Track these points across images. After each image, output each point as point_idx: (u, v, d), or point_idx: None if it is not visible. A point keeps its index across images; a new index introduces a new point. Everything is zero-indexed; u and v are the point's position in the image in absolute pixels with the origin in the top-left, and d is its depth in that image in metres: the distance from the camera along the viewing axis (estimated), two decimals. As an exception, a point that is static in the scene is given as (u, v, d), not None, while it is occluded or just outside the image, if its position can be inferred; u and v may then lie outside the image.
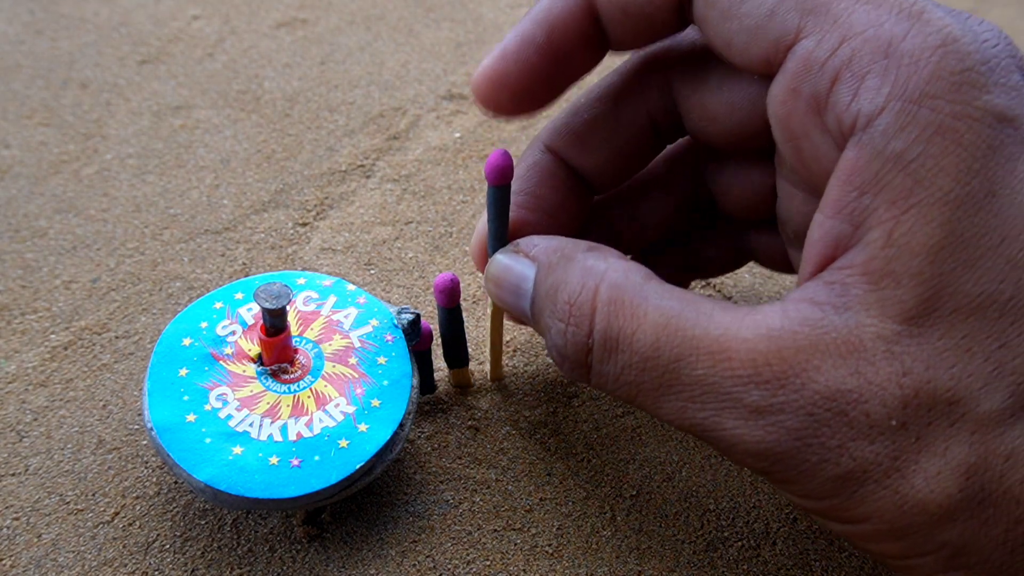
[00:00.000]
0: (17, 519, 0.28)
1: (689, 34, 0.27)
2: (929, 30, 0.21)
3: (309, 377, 0.28)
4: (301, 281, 0.30)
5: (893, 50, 0.21)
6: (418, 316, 0.29)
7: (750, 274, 0.36)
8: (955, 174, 0.21)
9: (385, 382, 0.28)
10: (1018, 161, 0.21)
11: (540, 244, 0.26)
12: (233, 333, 0.28)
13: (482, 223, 0.28)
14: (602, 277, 0.24)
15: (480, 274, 0.30)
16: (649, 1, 0.25)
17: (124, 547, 0.27)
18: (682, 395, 0.23)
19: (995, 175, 0.21)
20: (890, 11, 0.21)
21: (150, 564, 0.27)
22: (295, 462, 0.26)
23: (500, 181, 0.26)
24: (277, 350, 0.27)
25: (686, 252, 0.31)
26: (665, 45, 0.27)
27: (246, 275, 0.35)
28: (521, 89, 0.26)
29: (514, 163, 0.26)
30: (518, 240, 0.27)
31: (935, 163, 0.21)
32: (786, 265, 0.30)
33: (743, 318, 0.22)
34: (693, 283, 0.35)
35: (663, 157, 0.30)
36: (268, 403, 0.27)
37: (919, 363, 0.21)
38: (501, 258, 0.26)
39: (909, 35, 0.21)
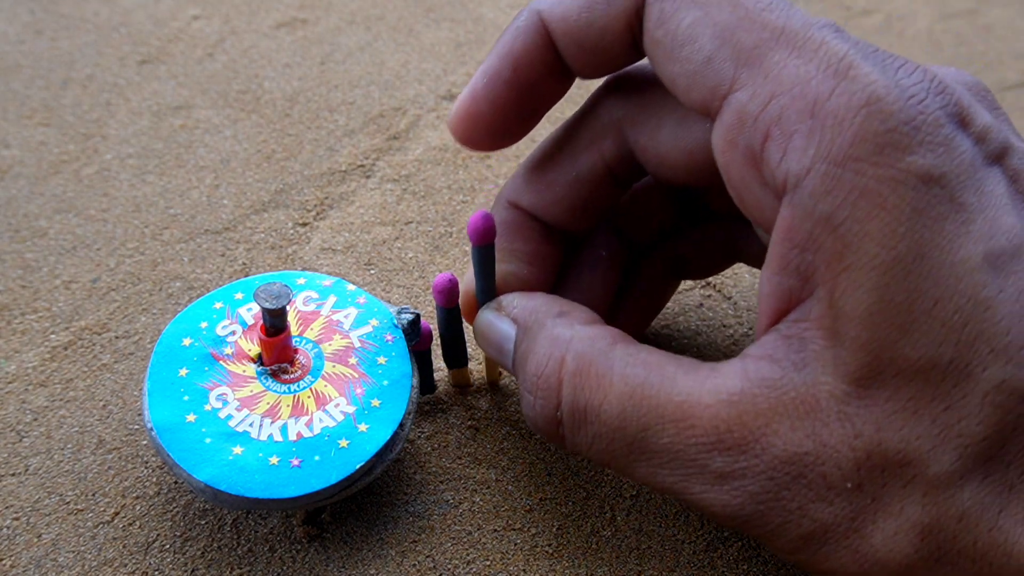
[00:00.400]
0: (17, 519, 0.28)
1: (641, 75, 0.27)
2: (854, 88, 0.21)
3: (309, 377, 0.28)
4: (301, 281, 0.30)
5: (819, 109, 0.21)
6: (418, 316, 0.29)
7: (750, 274, 0.36)
8: (880, 238, 0.20)
9: (385, 382, 0.28)
10: (946, 221, 0.21)
11: (519, 305, 0.27)
12: (233, 333, 0.28)
13: (469, 276, 0.28)
14: (568, 347, 0.25)
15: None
16: (601, 36, 0.25)
17: (124, 547, 0.27)
18: (651, 462, 0.23)
19: (922, 237, 0.20)
20: (818, 67, 0.21)
21: (150, 564, 0.27)
22: (295, 462, 0.26)
23: (483, 242, 0.26)
24: (277, 350, 0.27)
25: (673, 252, 0.31)
26: (617, 90, 0.27)
27: (246, 275, 0.35)
28: (495, 125, 0.27)
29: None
30: (501, 298, 0.27)
31: (861, 227, 0.21)
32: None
33: (705, 381, 0.23)
34: (693, 283, 0.35)
35: None
36: (268, 403, 0.27)
37: (869, 425, 0.21)
38: (486, 315, 0.27)
39: (835, 93, 0.21)
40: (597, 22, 0.25)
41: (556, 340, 0.25)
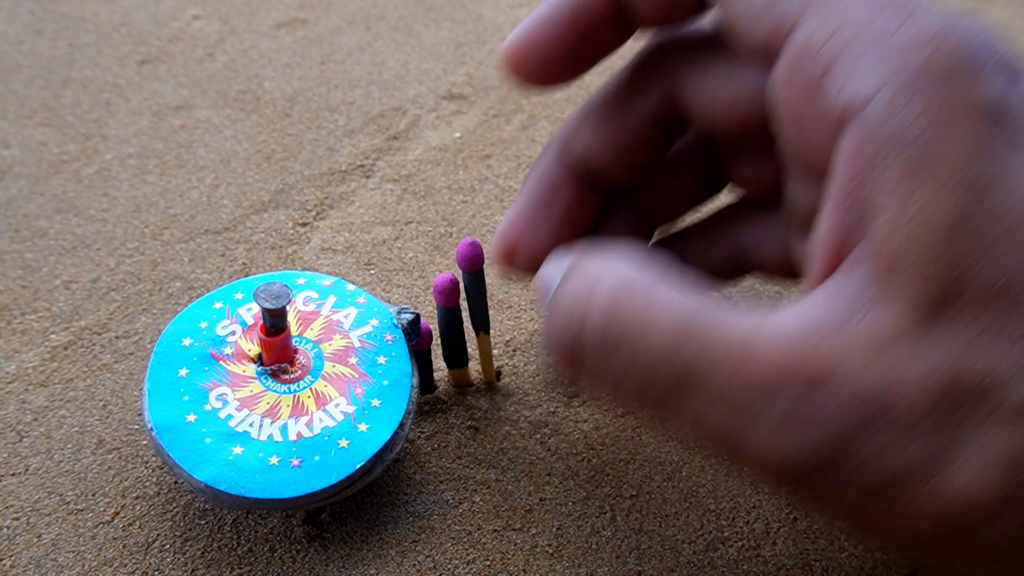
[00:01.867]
0: (17, 519, 0.28)
1: (694, 28, 0.28)
2: (921, 24, 0.21)
3: (309, 377, 0.28)
4: (301, 281, 0.30)
5: (885, 42, 0.21)
6: (418, 316, 0.29)
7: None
8: (955, 159, 0.20)
9: (385, 382, 0.28)
10: (1010, 158, 0.21)
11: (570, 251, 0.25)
12: (233, 333, 0.28)
13: (507, 214, 0.29)
14: (612, 268, 0.23)
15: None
16: None
17: (124, 547, 0.27)
18: (700, 403, 0.21)
19: (991, 166, 0.20)
20: (884, 7, 0.22)
21: (150, 564, 0.27)
22: (295, 462, 0.26)
23: (473, 269, 0.28)
24: (277, 350, 0.27)
25: (681, 259, 0.31)
26: (669, 39, 0.28)
27: (246, 275, 0.35)
28: (548, 59, 0.27)
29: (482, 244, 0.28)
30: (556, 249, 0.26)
31: (934, 147, 0.20)
32: (783, 269, 0.29)
33: (763, 322, 0.21)
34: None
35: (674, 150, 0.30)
36: (268, 403, 0.27)
37: (944, 356, 0.20)
38: (545, 268, 0.25)
39: (901, 28, 0.21)
40: None
41: (601, 262, 0.23)
